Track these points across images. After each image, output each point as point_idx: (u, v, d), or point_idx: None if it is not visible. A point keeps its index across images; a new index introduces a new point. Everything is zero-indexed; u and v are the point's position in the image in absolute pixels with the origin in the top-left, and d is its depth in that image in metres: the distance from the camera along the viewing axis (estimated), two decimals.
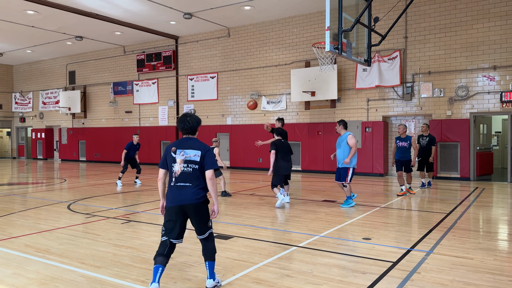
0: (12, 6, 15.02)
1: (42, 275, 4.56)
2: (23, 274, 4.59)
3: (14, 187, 12.66)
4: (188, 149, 4.03)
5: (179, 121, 4.20)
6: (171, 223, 3.98)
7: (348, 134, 8.61)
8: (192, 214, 3.99)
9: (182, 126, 4.16)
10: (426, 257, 5.09)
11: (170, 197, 4.00)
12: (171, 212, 3.99)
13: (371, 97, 15.07)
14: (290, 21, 16.67)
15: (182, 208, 3.96)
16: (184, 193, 3.95)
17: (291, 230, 6.68)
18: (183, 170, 3.99)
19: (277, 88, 17.14)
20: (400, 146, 10.23)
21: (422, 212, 8.36)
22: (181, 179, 3.99)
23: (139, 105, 21.40)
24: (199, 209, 3.99)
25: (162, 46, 20.36)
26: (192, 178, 3.98)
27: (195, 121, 4.19)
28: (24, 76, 27.02)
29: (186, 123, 4.14)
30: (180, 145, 4.09)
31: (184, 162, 4.00)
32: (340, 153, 8.70)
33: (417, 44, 14.16)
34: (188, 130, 4.15)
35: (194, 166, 4.00)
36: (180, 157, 4.02)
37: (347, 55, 7.60)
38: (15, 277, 4.50)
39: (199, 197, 3.98)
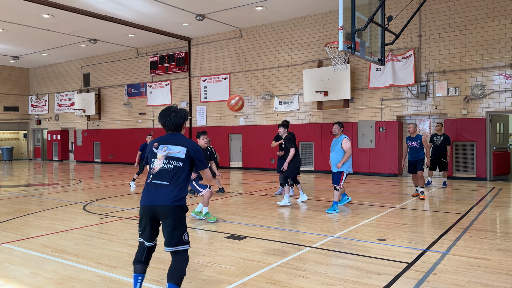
0: (29, 10, 15.28)
1: (59, 274, 4.63)
2: (40, 273, 4.66)
3: (30, 188, 12.87)
4: (172, 145, 3.61)
5: (161, 116, 3.72)
6: (143, 223, 3.60)
7: (344, 138, 8.36)
8: (163, 217, 3.48)
9: (164, 122, 3.70)
10: (442, 258, 5.03)
11: (144, 196, 3.58)
12: (142, 211, 3.59)
13: (385, 96, 14.94)
14: (303, 21, 16.63)
15: (153, 209, 3.49)
16: (158, 192, 3.49)
17: (305, 230, 6.66)
18: (162, 167, 3.54)
19: (289, 89, 17.11)
20: (410, 146, 9.81)
21: (438, 212, 8.26)
22: (157, 177, 3.53)
23: (152, 107, 21.57)
24: (172, 213, 3.47)
25: (175, 48, 20.49)
26: (170, 177, 3.51)
27: (180, 116, 3.72)
28: (40, 79, 27.46)
29: (168, 118, 3.69)
30: (163, 140, 3.67)
31: (165, 159, 3.56)
32: (333, 157, 8.39)
33: (431, 43, 13.99)
34: (170, 127, 3.71)
35: (176, 163, 3.54)
36: (161, 152, 3.59)
37: (360, 54, 7.55)
38: (33, 276, 4.58)
39: (175, 199, 3.48)
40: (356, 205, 9.01)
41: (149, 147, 3.73)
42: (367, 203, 9.23)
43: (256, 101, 18.04)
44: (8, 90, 26.99)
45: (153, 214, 3.52)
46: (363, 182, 13.27)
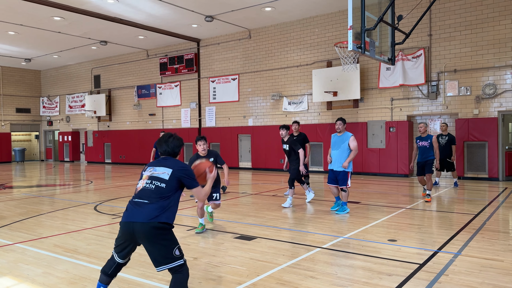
0: (40, 13, 15.47)
1: (71, 274, 4.67)
2: (53, 273, 4.71)
3: (42, 188, 13.01)
4: (159, 167, 3.57)
5: (159, 143, 3.73)
6: (120, 240, 3.50)
7: (351, 135, 7.99)
8: (142, 237, 3.33)
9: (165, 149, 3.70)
10: (454, 259, 4.98)
11: (124, 214, 3.49)
12: (121, 228, 3.46)
13: (395, 96, 14.84)
14: (312, 21, 16.59)
15: (132, 226, 3.34)
16: (137, 210, 3.37)
17: (314, 231, 6.64)
18: (144, 187, 3.49)
19: (298, 89, 17.08)
20: (420, 146, 9.49)
21: (449, 213, 8.17)
22: (139, 195, 3.47)
23: (162, 108, 21.69)
24: (150, 232, 3.30)
25: (184, 49, 20.58)
26: (151, 196, 3.41)
27: (176, 145, 3.72)
28: (51, 81, 27.77)
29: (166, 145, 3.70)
30: (154, 163, 3.66)
31: (148, 178, 3.52)
32: (338, 155, 7.99)
33: (442, 42, 13.87)
34: (168, 151, 3.71)
35: (159, 184, 3.46)
36: (147, 173, 3.58)
37: (370, 54, 7.51)
38: (46, 276, 4.63)
39: (153, 217, 3.31)
40: (366, 205, 8.96)
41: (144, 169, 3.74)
42: (377, 203, 9.18)
43: (265, 101, 18.04)
44: (21, 92, 27.33)
45: (131, 232, 3.37)
46: (373, 183, 13.19)
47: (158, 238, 3.33)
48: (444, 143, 11.46)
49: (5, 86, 26.55)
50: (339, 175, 7.98)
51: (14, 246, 5.92)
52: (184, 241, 6.05)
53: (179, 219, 7.71)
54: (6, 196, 11.10)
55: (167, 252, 3.35)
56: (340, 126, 8.05)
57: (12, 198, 10.70)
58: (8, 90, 26.66)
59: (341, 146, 7.98)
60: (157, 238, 3.32)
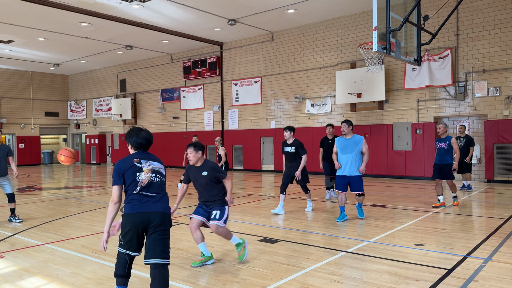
0: (68, 19, 15.90)
1: (98, 275, 4.76)
2: (81, 273, 4.82)
3: (70, 190, 13.34)
4: (153, 161, 3.71)
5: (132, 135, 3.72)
6: (131, 233, 3.51)
7: (363, 138, 7.60)
8: (157, 224, 3.49)
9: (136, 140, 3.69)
10: (484, 265, 4.83)
11: (133, 205, 3.54)
12: (132, 218, 3.50)
13: (421, 97, 14.55)
14: (335, 23, 16.47)
15: (147, 216, 3.50)
16: (151, 201, 3.57)
17: (339, 235, 6.56)
18: (152, 180, 3.62)
19: (321, 91, 16.97)
20: (438, 147, 8.91)
21: (478, 217, 7.95)
22: (147, 189, 3.59)
23: (186, 111, 21.92)
24: (165, 221, 3.57)
25: (207, 52, 20.76)
26: (160, 189, 3.66)
27: (150, 135, 3.80)
28: (78, 85, 28.48)
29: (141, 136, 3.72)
30: (142, 157, 3.69)
31: (152, 172, 3.64)
32: (350, 159, 7.51)
33: (469, 42, 13.53)
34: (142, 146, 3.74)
35: (162, 178, 3.71)
36: (146, 166, 3.64)
37: (395, 55, 7.39)
38: (74, 276, 4.73)
39: (167, 209, 3.64)
40: (392, 209, 8.81)
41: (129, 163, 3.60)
42: (404, 207, 9.00)
43: (287, 104, 17.99)
44: (49, 96, 28.14)
45: (146, 222, 3.48)
46: (399, 186, 12.96)
47: (168, 229, 3.60)
48: (462, 145, 11.27)
49: (35, 90, 27.39)
50: (354, 180, 7.53)
51: (44, 246, 6.08)
52: (209, 243, 6.07)
53: None
54: (36, 198, 11.43)
55: (168, 244, 3.59)
56: (345, 129, 7.59)
57: (41, 200, 11.01)
58: (37, 94, 27.50)
59: (355, 149, 7.50)
60: (167, 227, 3.59)
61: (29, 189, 13.54)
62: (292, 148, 8.28)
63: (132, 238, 3.52)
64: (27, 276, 4.74)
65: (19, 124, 26.63)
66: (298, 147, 8.27)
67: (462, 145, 11.30)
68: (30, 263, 5.22)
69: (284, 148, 8.45)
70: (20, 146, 26.38)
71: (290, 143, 8.35)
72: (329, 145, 9.87)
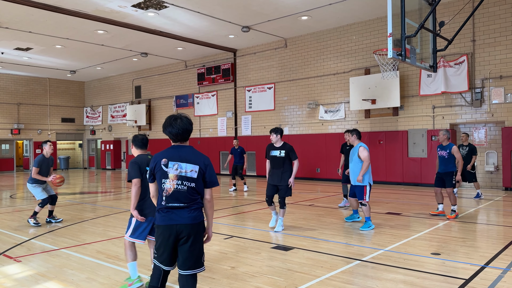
0: (85, 27, 16.17)
1: (113, 280, 4.79)
2: (95, 279, 4.85)
3: (85, 196, 13.49)
4: (183, 162, 3.33)
5: (167, 125, 3.40)
6: (162, 246, 3.33)
7: (360, 146, 7.52)
8: (186, 237, 3.27)
9: (171, 131, 3.37)
10: (503, 275, 4.72)
11: (161, 217, 3.35)
12: (161, 231, 3.33)
13: (437, 104, 14.38)
14: (349, 29, 16.42)
15: (174, 228, 3.28)
16: (177, 214, 3.30)
17: (354, 243, 6.49)
18: (177, 188, 3.30)
19: (335, 97, 16.90)
20: (439, 155, 8.65)
21: (496, 226, 7.78)
22: (173, 199, 3.31)
23: (199, 117, 22.04)
24: (194, 231, 3.30)
25: (221, 59, 20.89)
26: (187, 198, 3.31)
27: (189, 123, 3.41)
28: (94, 92, 28.90)
29: (177, 126, 3.36)
30: (172, 156, 3.35)
31: (178, 179, 3.31)
32: (351, 168, 7.61)
33: (486, 48, 13.35)
34: (179, 137, 3.39)
35: (190, 184, 3.31)
36: (173, 171, 3.31)
37: (411, 61, 7.33)
38: (89, 281, 4.77)
39: (196, 218, 3.32)
40: (408, 217, 8.69)
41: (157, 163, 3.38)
42: (419, 215, 8.87)
43: (301, 110, 17.96)
44: (66, 102, 28.60)
45: (174, 235, 3.29)
46: (414, 193, 12.79)
47: (199, 238, 3.33)
48: (465, 154, 11.22)
49: (52, 97, 27.86)
50: (356, 189, 7.55)
51: (60, 251, 6.15)
52: (222, 250, 6.07)
53: (215, 227, 7.76)
54: None
55: (200, 254, 3.35)
56: (347, 137, 7.67)
57: (57, 205, 11.14)
58: (54, 100, 27.97)
59: (353, 158, 7.56)
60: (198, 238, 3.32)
61: None
62: (281, 152, 7.29)
63: (164, 252, 3.32)
64: (43, 281, 4.79)
65: (36, 130, 27.09)
66: (290, 151, 7.29)
67: (465, 154, 11.24)
68: (46, 268, 5.28)
69: (271, 152, 7.42)
70: (37, 152, 26.82)
71: (278, 146, 7.37)
72: (347, 152, 9.71)
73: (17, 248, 6.39)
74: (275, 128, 7.42)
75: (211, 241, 6.58)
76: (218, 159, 21.05)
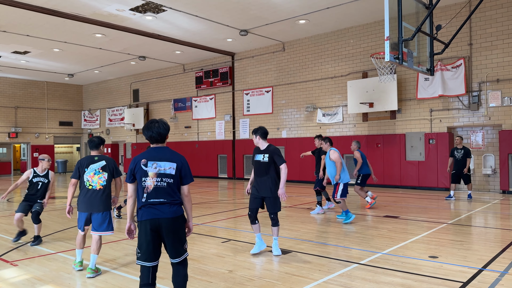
0: (83, 30, 16.18)
1: (109, 284, 4.77)
2: (93, 283, 4.83)
3: None
4: (162, 161, 3.63)
5: (145, 129, 3.74)
6: (145, 242, 3.56)
7: (330, 150, 8.66)
8: (168, 230, 3.54)
9: (147, 133, 3.71)
10: (501, 278, 4.73)
11: (143, 212, 3.60)
12: (144, 226, 3.57)
13: (434, 107, 14.42)
14: (346, 32, 16.47)
15: (157, 222, 3.53)
16: (158, 208, 3.55)
17: (351, 246, 6.49)
18: (156, 185, 3.58)
19: (333, 100, 16.93)
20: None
21: (494, 229, 7.79)
22: (153, 195, 3.57)
23: (197, 120, 22.04)
24: (175, 224, 3.57)
25: (219, 63, 20.91)
26: (166, 194, 3.58)
27: (164, 128, 3.74)
28: (92, 95, 28.88)
29: (153, 130, 3.69)
30: (151, 156, 3.65)
31: (157, 176, 3.59)
32: (328, 171, 8.74)
33: (483, 51, 13.41)
34: (153, 139, 3.71)
35: (169, 180, 3.60)
36: (152, 170, 3.60)
37: (408, 64, 7.35)
38: (85, 285, 4.75)
39: (176, 212, 3.59)
40: (405, 220, 8.69)
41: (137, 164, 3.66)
42: (417, 218, 8.88)
43: (299, 113, 17.98)
44: (63, 106, 28.57)
45: (156, 229, 3.55)
46: (412, 197, 12.80)
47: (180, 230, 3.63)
48: (460, 157, 11.69)
49: (49, 100, 27.84)
50: (334, 188, 8.61)
51: (56, 255, 6.12)
52: (219, 253, 6.06)
53: (213, 230, 7.74)
54: (49, 207, 11.53)
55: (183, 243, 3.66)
56: (324, 146, 8.90)
57: (54, 209, 11.11)
58: (52, 104, 27.94)
59: (328, 162, 8.70)
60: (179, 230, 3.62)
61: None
62: (265, 156, 6.04)
63: (147, 247, 3.56)
64: (39, 285, 4.77)
65: (34, 134, 27.04)
66: (274, 154, 6.02)
67: (461, 157, 11.67)
68: (42, 272, 5.26)
69: (255, 157, 6.20)
70: (34, 155, 26.75)
71: (262, 149, 6.16)
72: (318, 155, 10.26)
73: (14, 252, 6.36)
74: (255, 129, 6.24)
75: (209, 245, 6.58)
76: (216, 162, 21.03)
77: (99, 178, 5.30)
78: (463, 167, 11.54)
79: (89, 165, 5.32)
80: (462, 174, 11.58)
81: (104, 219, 5.28)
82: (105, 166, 5.35)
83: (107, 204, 5.33)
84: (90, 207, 5.28)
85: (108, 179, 5.35)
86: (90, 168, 5.31)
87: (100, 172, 5.31)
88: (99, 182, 5.28)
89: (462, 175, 11.61)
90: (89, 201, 5.29)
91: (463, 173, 11.56)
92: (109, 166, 5.37)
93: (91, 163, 5.34)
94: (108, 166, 5.36)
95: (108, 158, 5.47)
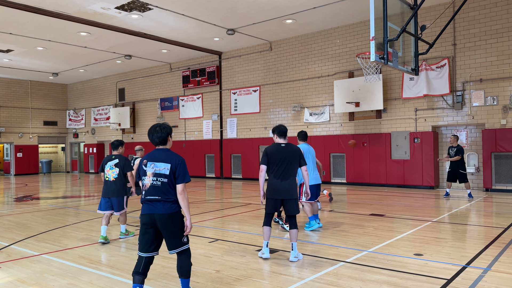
0: (68, 29, 15.96)
1: (95, 285, 4.72)
2: (77, 284, 4.77)
3: (68, 200, 13.28)
4: (158, 162, 3.99)
5: (148, 133, 4.14)
6: (146, 234, 3.98)
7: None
8: (162, 225, 3.90)
9: (151, 138, 4.10)
10: (484, 275, 4.81)
11: (143, 207, 4.03)
12: (143, 219, 3.99)
13: (419, 106, 14.59)
14: (333, 32, 16.57)
15: (152, 217, 3.92)
16: (154, 205, 3.93)
17: (338, 245, 6.53)
18: (152, 184, 3.96)
19: (320, 100, 17.01)
20: None
21: (477, 226, 7.93)
22: (150, 193, 3.96)
23: (184, 120, 21.94)
24: (170, 219, 3.91)
25: (206, 62, 20.84)
26: (161, 192, 3.93)
27: (162, 132, 4.09)
28: (77, 94, 28.51)
29: (154, 134, 4.08)
30: (151, 157, 4.06)
31: (153, 176, 3.97)
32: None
33: (466, 51, 13.61)
34: (156, 142, 4.10)
35: (163, 179, 3.94)
36: (150, 170, 3.99)
37: (393, 64, 7.43)
38: (71, 287, 4.69)
39: (170, 209, 3.92)
40: (391, 218, 8.79)
41: (141, 164, 4.10)
42: (403, 216, 8.98)
43: (286, 112, 18.02)
44: (48, 105, 28.15)
45: (153, 223, 3.93)
46: (397, 195, 12.94)
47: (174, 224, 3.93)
48: (453, 155, 11.72)
49: (34, 99, 27.40)
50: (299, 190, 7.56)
51: (40, 257, 6.03)
52: (206, 253, 6.05)
53: (200, 230, 7.72)
54: (33, 207, 11.37)
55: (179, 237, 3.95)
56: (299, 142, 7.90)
57: (38, 209, 10.95)
58: (36, 103, 27.51)
59: None
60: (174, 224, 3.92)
61: (27, 199, 13.48)
62: None
63: (145, 238, 3.96)
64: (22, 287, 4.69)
65: (17, 133, 26.60)
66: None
67: (454, 155, 11.74)
68: (26, 274, 5.18)
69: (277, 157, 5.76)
70: (18, 155, 26.32)
71: None
72: None
73: None
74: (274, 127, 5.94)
75: (196, 245, 6.56)
76: (203, 162, 20.96)
77: (113, 172, 6.84)
78: (457, 165, 11.59)
79: (107, 162, 6.92)
80: (457, 172, 11.58)
81: (119, 202, 6.93)
82: (118, 163, 6.87)
83: (120, 191, 6.90)
84: (107, 193, 6.89)
85: (120, 173, 6.85)
86: (107, 164, 6.90)
87: (113, 168, 6.85)
88: (112, 175, 6.84)
89: (458, 174, 11.60)
90: (107, 188, 6.90)
91: (458, 172, 11.57)
92: (120, 163, 6.87)
93: (109, 161, 6.93)
94: (119, 163, 6.87)
95: (122, 156, 6.97)
